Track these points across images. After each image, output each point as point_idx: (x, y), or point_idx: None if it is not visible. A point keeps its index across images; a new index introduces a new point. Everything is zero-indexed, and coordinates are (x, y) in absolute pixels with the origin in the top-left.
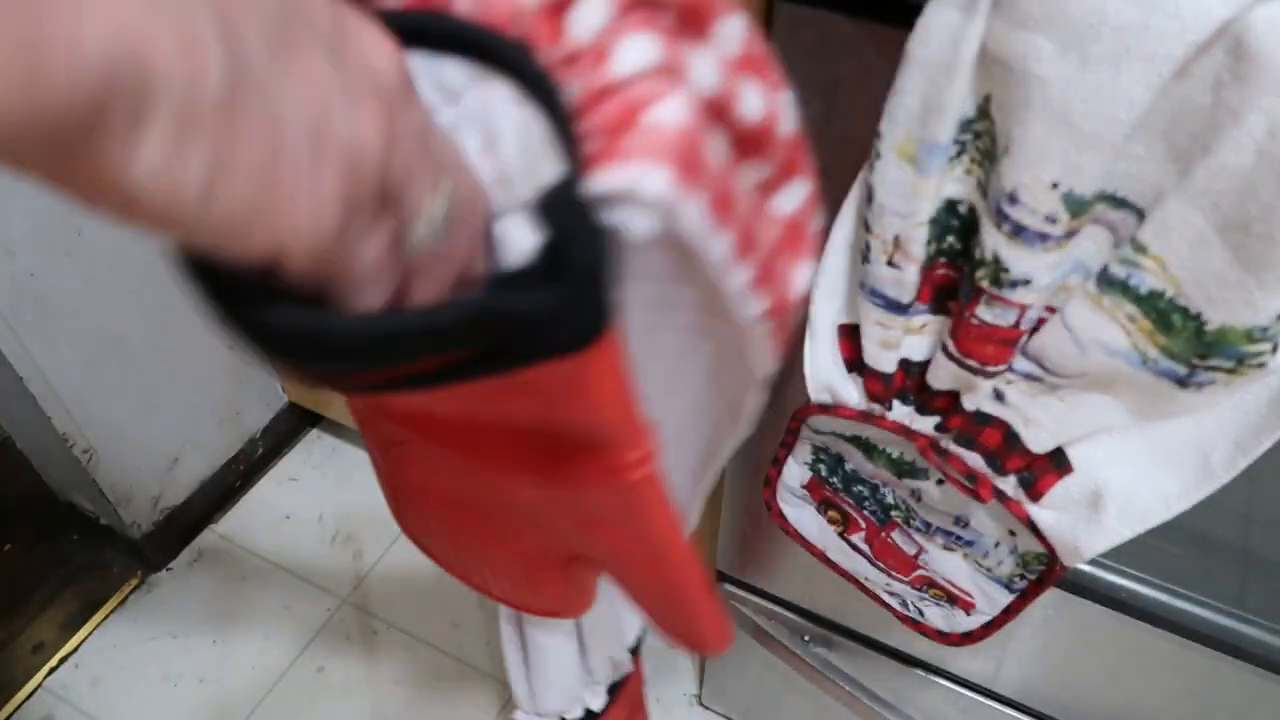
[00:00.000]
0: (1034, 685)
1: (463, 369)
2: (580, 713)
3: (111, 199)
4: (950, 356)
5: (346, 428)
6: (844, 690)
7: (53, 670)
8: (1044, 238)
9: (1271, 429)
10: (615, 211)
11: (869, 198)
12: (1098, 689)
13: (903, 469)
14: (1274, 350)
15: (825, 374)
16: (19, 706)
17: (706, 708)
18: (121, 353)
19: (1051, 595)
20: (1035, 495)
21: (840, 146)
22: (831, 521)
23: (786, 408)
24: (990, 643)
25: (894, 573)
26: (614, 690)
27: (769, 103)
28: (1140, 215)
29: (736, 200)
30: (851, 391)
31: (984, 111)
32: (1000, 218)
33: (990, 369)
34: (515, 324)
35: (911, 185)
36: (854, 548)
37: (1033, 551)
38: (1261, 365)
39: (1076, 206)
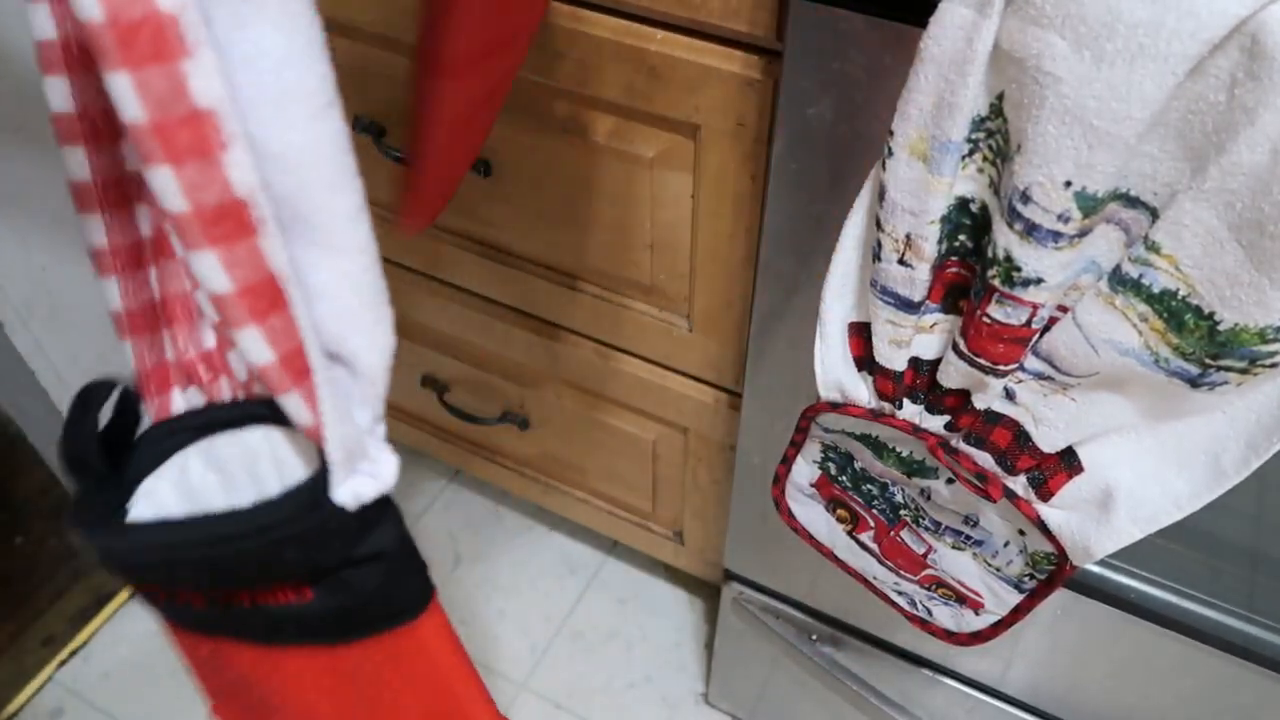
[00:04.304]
0: (1042, 686)
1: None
2: None
3: None
4: (961, 355)
5: None
6: (851, 690)
7: (63, 663)
8: (1056, 236)
9: None
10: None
11: (881, 195)
12: (1106, 690)
13: (912, 468)
14: None
15: (835, 372)
16: (29, 699)
17: (713, 706)
18: None
19: (1060, 596)
20: (1045, 495)
21: (853, 144)
22: (840, 520)
23: (796, 406)
24: (998, 643)
25: (902, 572)
26: None
27: None
28: (1153, 214)
29: None
30: (861, 390)
31: (997, 109)
32: (1013, 216)
33: (1001, 368)
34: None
35: (924, 183)
36: (862, 546)
37: (1042, 551)
38: (1274, 365)
39: (1089, 205)
